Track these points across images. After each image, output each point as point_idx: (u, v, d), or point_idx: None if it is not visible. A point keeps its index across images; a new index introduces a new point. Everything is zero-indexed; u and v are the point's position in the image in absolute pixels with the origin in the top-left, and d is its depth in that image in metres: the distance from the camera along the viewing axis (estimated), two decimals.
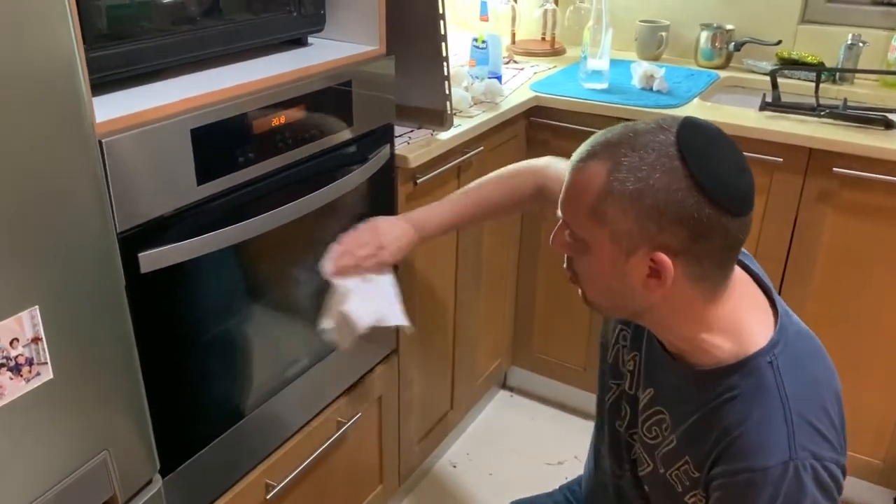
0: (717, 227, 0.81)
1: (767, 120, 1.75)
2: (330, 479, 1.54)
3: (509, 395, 2.37)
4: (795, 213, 1.74)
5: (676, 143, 0.81)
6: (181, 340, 1.11)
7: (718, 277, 0.87)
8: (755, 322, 0.90)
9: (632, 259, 0.84)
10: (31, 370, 0.75)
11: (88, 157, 0.79)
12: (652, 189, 0.80)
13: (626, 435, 1.09)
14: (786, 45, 2.14)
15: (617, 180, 0.81)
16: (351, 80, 1.30)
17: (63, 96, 0.75)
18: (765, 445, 0.83)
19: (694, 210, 0.79)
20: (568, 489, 1.34)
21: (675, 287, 0.84)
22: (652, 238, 0.82)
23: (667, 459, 0.96)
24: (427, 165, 1.56)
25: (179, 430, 1.13)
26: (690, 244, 0.81)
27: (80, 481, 0.84)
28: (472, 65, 1.93)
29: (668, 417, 0.96)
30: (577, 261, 0.91)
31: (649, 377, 1.01)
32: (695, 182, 0.79)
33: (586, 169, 0.84)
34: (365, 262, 1.21)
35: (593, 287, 0.92)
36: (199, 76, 1.14)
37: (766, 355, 0.87)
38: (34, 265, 0.74)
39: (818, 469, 0.83)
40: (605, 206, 0.82)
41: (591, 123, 1.89)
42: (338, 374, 1.50)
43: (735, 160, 0.84)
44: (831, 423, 0.87)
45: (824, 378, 0.91)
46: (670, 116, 0.86)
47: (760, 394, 0.85)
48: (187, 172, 1.03)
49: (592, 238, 0.85)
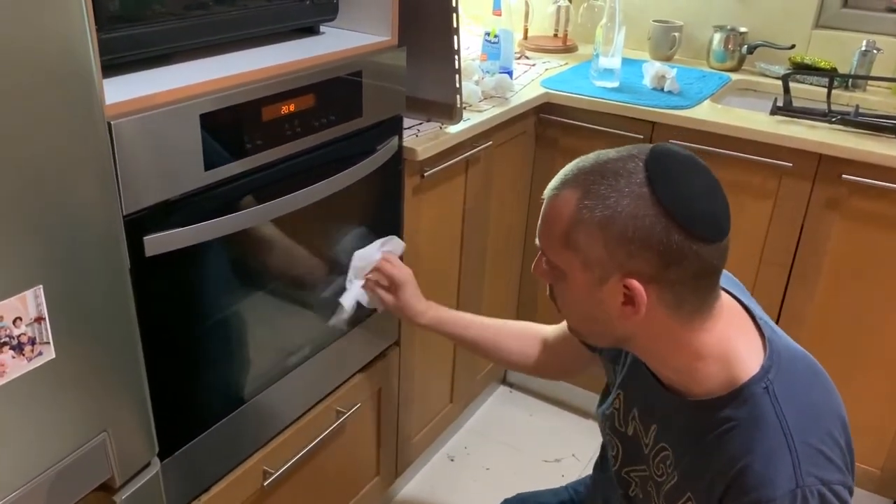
0: (688, 254, 0.80)
1: (778, 124, 1.74)
2: (327, 469, 1.54)
3: (509, 390, 2.37)
4: (802, 219, 1.73)
5: (645, 170, 0.81)
6: (183, 325, 1.11)
7: (696, 304, 0.86)
8: (745, 348, 0.88)
9: (605, 286, 0.84)
10: (34, 349, 0.76)
11: (97, 139, 0.79)
12: (620, 216, 0.80)
13: (620, 471, 1.08)
14: (799, 49, 2.13)
15: (586, 208, 0.82)
16: (361, 70, 1.29)
17: (74, 78, 0.74)
18: (771, 476, 0.82)
19: (663, 236, 0.80)
20: (573, 489, 1.33)
21: (652, 314, 0.84)
22: (622, 265, 0.82)
23: (670, 496, 0.95)
24: (435, 158, 1.56)
25: (179, 414, 1.13)
26: (662, 270, 0.81)
27: (78, 462, 0.85)
28: (484, 59, 1.93)
29: (671, 453, 0.95)
30: (556, 289, 0.92)
31: (648, 413, 1.00)
32: (663, 209, 0.79)
33: (558, 197, 0.85)
34: (391, 269, 1.32)
35: (573, 314, 0.93)
36: (210, 61, 1.14)
37: (760, 382, 0.86)
38: (40, 244, 0.74)
39: (825, 494, 0.82)
40: (576, 234, 0.83)
41: (601, 122, 1.89)
42: (338, 364, 1.50)
43: (706, 186, 0.83)
44: (836, 444, 0.85)
45: (824, 399, 0.90)
46: (644, 144, 0.86)
47: (760, 423, 0.84)
48: (195, 157, 1.03)
49: (567, 266, 0.86)
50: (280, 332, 1.33)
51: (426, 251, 1.67)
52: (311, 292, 1.38)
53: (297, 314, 1.37)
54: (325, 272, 1.39)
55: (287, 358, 1.35)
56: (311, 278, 1.38)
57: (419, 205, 1.59)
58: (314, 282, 1.38)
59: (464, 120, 1.63)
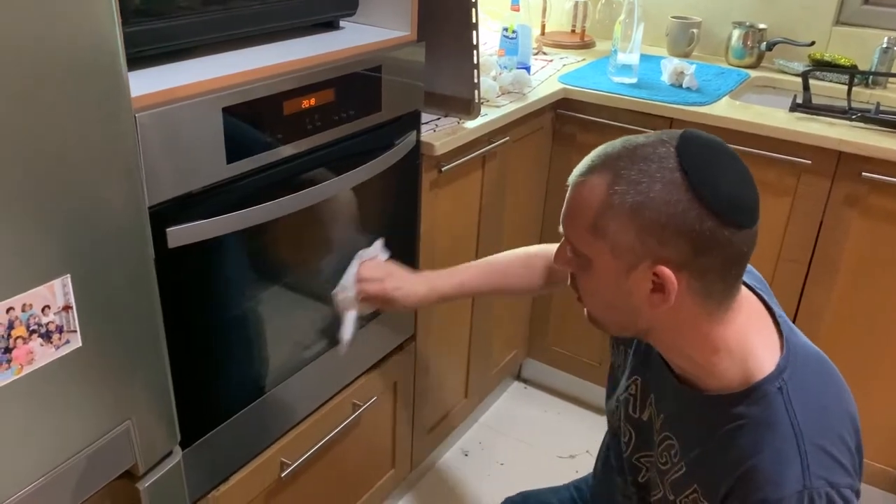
0: (720, 240, 0.79)
1: (797, 121, 1.73)
2: (343, 461, 1.56)
3: (523, 386, 2.37)
4: (821, 217, 1.72)
5: (677, 156, 0.80)
6: (204, 316, 1.12)
7: (723, 294, 0.85)
8: (763, 345, 0.88)
9: (634, 274, 0.83)
10: (61, 337, 0.77)
11: (124, 132, 0.80)
12: (652, 202, 0.79)
13: (632, 457, 1.08)
14: (819, 46, 2.12)
15: (617, 194, 0.80)
16: (381, 65, 1.30)
17: (102, 71, 0.76)
18: (779, 476, 0.82)
19: (695, 223, 0.78)
20: (575, 487, 1.33)
21: (680, 303, 0.83)
22: (653, 252, 0.80)
23: (676, 486, 0.95)
24: (452, 153, 1.56)
25: (200, 404, 1.15)
26: (693, 257, 0.80)
27: (103, 449, 0.86)
28: (501, 54, 1.93)
29: (676, 443, 0.95)
30: (579, 277, 0.90)
31: (660, 402, 0.99)
32: (695, 194, 0.78)
33: (586, 183, 0.83)
34: (370, 285, 1.22)
35: (597, 304, 0.91)
36: (232, 55, 1.15)
37: (774, 381, 0.85)
38: (68, 235, 0.76)
39: (833, 496, 0.82)
40: (606, 221, 0.81)
41: (619, 118, 1.88)
42: (355, 357, 1.51)
43: (737, 172, 0.82)
44: (846, 447, 0.85)
45: (836, 401, 0.89)
46: (672, 130, 0.84)
47: (771, 423, 0.84)
48: (217, 150, 1.04)
49: (594, 253, 0.84)
50: (298, 325, 1.34)
51: (442, 245, 1.67)
52: (329, 285, 1.39)
53: (315, 307, 1.38)
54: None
55: (305, 350, 1.36)
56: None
57: (436, 199, 1.60)
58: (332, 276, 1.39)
59: (481, 115, 1.63)
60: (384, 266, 1.27)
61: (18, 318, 0.72)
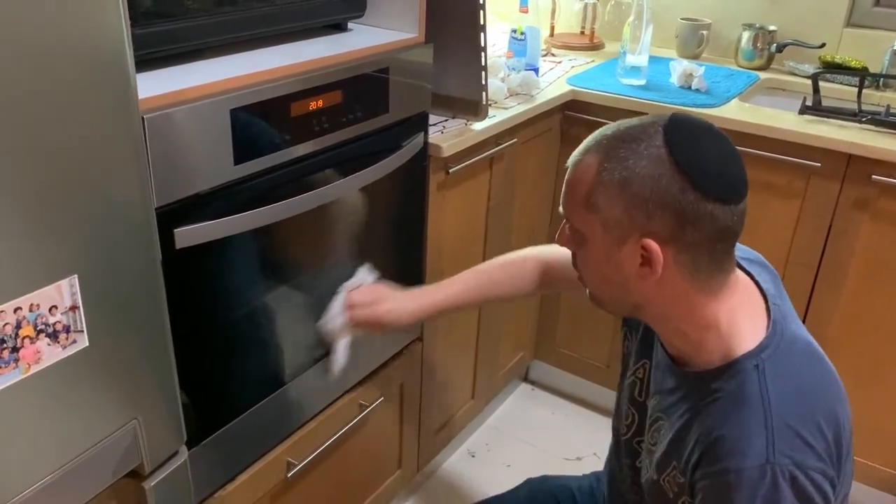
0: (703, 214, 0.83)
1: (807, 123, 1.72)
2: (349, 462, 1.56)
3: (530, 388, 2.37)
4: (830, 220, 1.71)
5: (664, 134, 0.84)
6: (211, 316, 1.13)
7: (712, 270, 0.87)
8: (749, 325, 0.90)
9: (624, 248, 0.86)
10: (68, 337, 0.77)
11: (132, 133, 0.80)
12: (638, 177, 0.83)
13: (632, 442, 1.09)
14: (829, 48, 2.11)
15: (606, 170, 0.85)
16: (389, 66, 1.30)
17: (111, 72, 0.76)
18: (742, 447, 0.83)
19: (679, 196, 0.82)
20: (596, 477, 1.34)
21: (668, 277, 0.86)
22: (641, 225, 0.84)
23: (659, 465, 0.96)
24: (460, 155, 1.56)
25: (206, 404, 1.15)
26: (678, 231, 0.83)
27: (109, 448, 0.86)
28: (510, 56, 1.93)
29: (665, 423, 0.97)
30: (578, 255, 0.94)
31: (656, 384, 1.01)
32: (678, 168, 0.82)
33: (581, 162, 0.88)
34: (359, 310, 1.24)
35: (593, 279, 0.95)
36: (240, 57, 1.15)
37: (752, 359, 0.87)
38: (75, 235, 0.76)
39: (798, 477, 0.81)
40: (596, 196, 0.86)
41: None
42: (362, 358, 1.51)
43: (723, 150, 0.86)
44: (821, 434, 0.85)
45: (819, 391, 0.89)
46: (665, 113, 0.88)
47: (743, 397, 0.86)
48: (225, 151, 1.04)
49: (588, 229, 0.89)
50: (305, 325, 1.35)
51: (449, 247, 1.67)
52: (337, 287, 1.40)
53: (322, 308, 1.38)
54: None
55: (311, 350, 1.36)
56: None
57: (443, 201, 1.60)
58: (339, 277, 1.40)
59: (489, 117, 1.63)
60: (372, 290, 1.28)
61: (26, 317, 0.73)
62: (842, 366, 0.93)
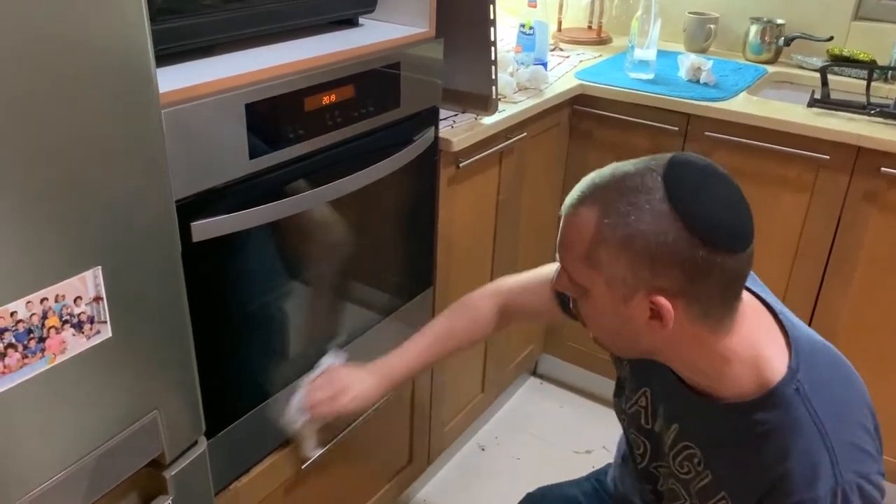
0: (714, 267, 0.79)
1: (816, 117, 1.72)
2: (362, 454, 1.57)
3: (539, 382, 2.38)
4: (839, 213, 1.72)
5: (664, 184, 0.79)
6: (228, 309, 1.14)
7: (723, 311, 0.85)
8: (770, 348, 0.88)
9: (631, 303, 0.83)
10: (92, 328, 0.79)
11: (152, 128, 0.81)
12: (642, 234, 0.79)
13: (648, 467, 1.08)
14: (837, 41, 2.11)
15: (606, 227, 0.80)
16: (400, 61, 1.31)
17: (132, 68, 0.77)
18: (811, 477, 0.83)
19: (686, 252, 0.78)
20: (595, 479, 1.33)
21: (680, 326, 0.83)
22: (647, 282, 0.81)
23: (702, 495, 0.95)
24: (470, 149, 1.57)
25: (224, 395, 1.16)
26: (688, 285, 0.80)
27: (130, 439, 0.88)
28: (518, 51, 1.93)
29: (698, 452, 0.95)
30: (580, 304, 0.90)
31: (671, 413, 0.99)
32: (685, 224, 0.78)
33: (577, 215, 0.83)
34: (321, 407, 1.22)
35: (599, 329, 0.92)
36: (253, 53, 1.16)
37: (790, 384, 0.85)
38: (98, 227, 0.77)
39: (864, 486, 0.83)
40: (598, 253, 0.82)
41: (636, 114, 1.89)
42: (374, 351, 1.51)
43: (728, 197, 0.82)
44: (867, 433, 0.86)
45: (850, 389, 0.90)
46: (660, 155, 0.83)
47: (796, 425, 0.84)
48: (240, 146, 1.06)
49: (590, 283, 0.85)
50: (319, 318, 1.36)
51: (459, 242, 1.68)
52: (349, 281, 1.41)
53: (336, 301, 1.40)
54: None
55: (325, 343, 1.37)
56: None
57: (453, 195, 1.61)
58: (352, 271, 1.41)
59: (498, 111, 1.64)
60: (332, 380, 1.24)
61: (52, 308, 0.74)
62: (850, 358, 0.94)
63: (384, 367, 1.25)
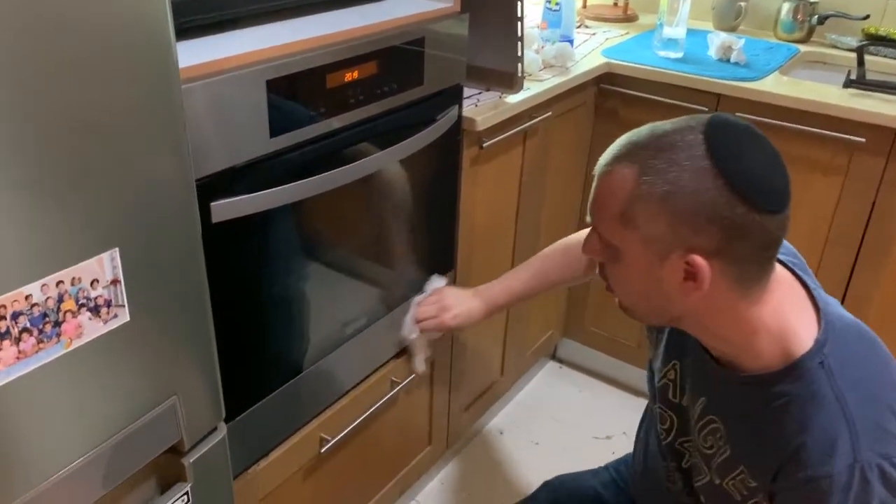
0: (753, 226, 0.78)
1: (851, 98, 1.67)
2: (381, 437, 1.55)
3: (559, 366, 2.35)
4: (874, 198, 1.67)
5: (705, 142, 0.78)
6: (247, 291, 1.11)
7: (757, 276, 0.83)
8: (800, 322, 0.87)
9: (666, 263, 0.82)
10: (110, 312, 0.76)
11: (172, 104, 0.78)
12: (682, 191, 0.78)
13: (674, 443, 1.07)
14: (873, 20, 2.04)
15: (646, 183, 0.79)
16: (424, 37, 1.27)
17: (151, 42, 0.74)
18: (828, 452, 0.81)
19: (727, 210, 0.77)
20: (614, 468, 1.32)
21: (713, 289, 0.81)
22: (685, 240, 0.79)
23: (722, 469, 0.94)
24: (494, 129, 1.53)
25: (242, 379, 1.14)
26: (726, 245, 0.79)
27: (149, 425, 0.86)
28: (544, 27, 1.88)
29: (721, 426, 0.94)
30: (609, 267, 0.89)
31: (698, 385, 0.98)
32: (725, 181, 0.77)
33: (613, 173, 0.82)
34: (427, 323, 1.39)
35: (628, 293, 0.91)
36: (275, 27, 1.13)
37: (815, 357, 0.84)
38: (116, 208, 0.74)
39: (885, 468, 0.80)
40: (635, 211, 0.81)
41: (664, 93, 1.83)
42: (394, 335, 1.49)
43: (767, 156, 0.81)
44: (893, 413, 0.83)
45: (880, 370, 0.88)
46: (699, 115, 0.82)
47: (816, 398, 0.83)
48: (261, 124, 1.02)
49: (623, 243, 0.83)
50: (339, 302, 1.33)
51: (482, 222, 1.65)
52: (369, 263, 1.38)
53: (357, 284, 1.37)
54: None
55: (345, 327, 1.35)
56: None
57: (476, 176, 1.57)
58: (373, 254, 1.38)
59: (523, 89, 1.59)
60: (437, 299, 1.40)
61: (68, 291, 0.71)
62: None
63: (486, 292, 1.37)
